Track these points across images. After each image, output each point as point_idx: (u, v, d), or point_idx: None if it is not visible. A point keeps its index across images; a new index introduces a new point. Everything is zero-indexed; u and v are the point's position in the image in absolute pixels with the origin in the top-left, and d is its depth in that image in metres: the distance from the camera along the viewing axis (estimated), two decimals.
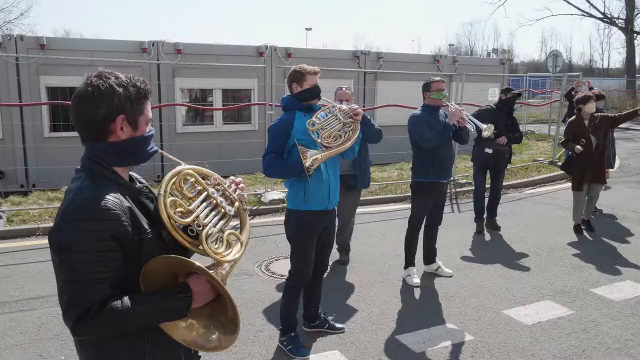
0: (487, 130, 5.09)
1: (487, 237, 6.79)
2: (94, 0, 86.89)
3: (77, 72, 9.03)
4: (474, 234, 6.86)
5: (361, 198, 8.47)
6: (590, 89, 8.87)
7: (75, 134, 1.73)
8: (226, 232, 1.83)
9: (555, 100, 13.01)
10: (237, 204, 1.94)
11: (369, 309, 4.59)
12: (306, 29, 68.64)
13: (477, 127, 5.14)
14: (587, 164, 6.66)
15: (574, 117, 6.89)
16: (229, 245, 1.83)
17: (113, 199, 1.60)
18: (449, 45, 57.11)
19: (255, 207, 7.78)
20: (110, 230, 1.56)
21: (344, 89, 5.47)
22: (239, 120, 11.27)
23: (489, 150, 6.76)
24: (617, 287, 5.11)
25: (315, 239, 3.68)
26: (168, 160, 6.61)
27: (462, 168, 10.72)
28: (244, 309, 4.50)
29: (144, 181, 1.92)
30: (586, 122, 6.68)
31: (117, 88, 1.67)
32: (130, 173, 1.86)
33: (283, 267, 5.33)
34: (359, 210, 7.65)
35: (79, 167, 1.73)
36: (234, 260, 1.81)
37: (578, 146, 6.60)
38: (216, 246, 1.77)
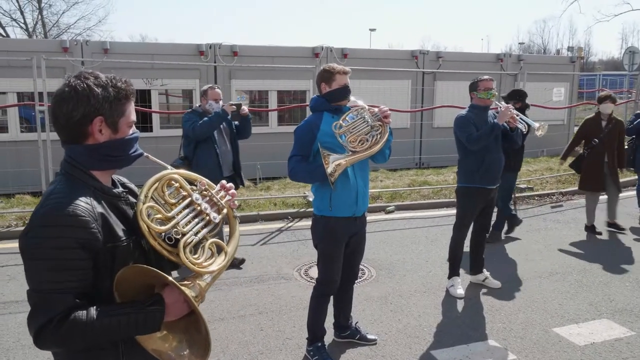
0: (541, 129, 4.73)
1: (545, 246, 6.34)
2: (169, 6, 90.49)
3: (138, 75, 9.37)
4: (531, 242, 6.44)
5: (411, 202, 8.25)
6: None
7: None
8: (209, 241, 1.72)
9: (630, 100, 12.04)
10: (225, 211, 1.82)
11: (405, 320, 4.37)
12: (370, 29, 68.37)
13: (529, 126, 4.78)
14: (595, 165, 6.67)
15: (592, 115, 6.89)
16: (211, 255, 1.72)
17: (83, 205, 1.53)
18: (519, 43, 54.78)
19: (302, 210, 7.70)
20: (78, 238, 1.49)
21: (215, 88, 5.28)
22: (294, 122, 11.26)
23: None
24: None
25: (343, 247, 3.52)
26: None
27: (525, 172, 10.16)
28: (276, 314, 4.41)
29: (132, 186, 1.85)
30: (603, 123, 6.64)
31: (95, 88, 1.60)
32: (115, 177, 1.79)
33: None
34: (407, 214, 7.44)
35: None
36: (216, 271, 1.70)
37: (577, 148, 6.90)
38: (196, 256, 1.67)
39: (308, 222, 7.28)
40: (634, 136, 7.35)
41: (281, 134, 10.95)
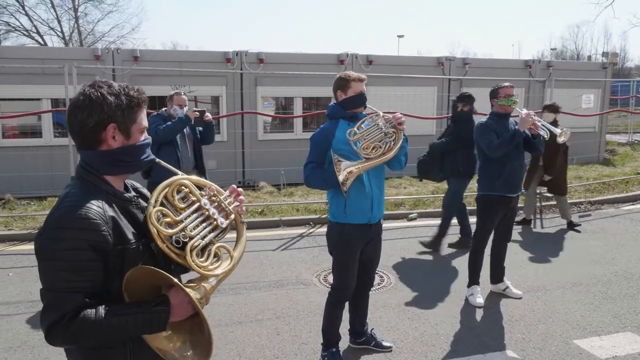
0: (564, 135, 4.67)
1: (571, 256, 6.22)
2: (200, 15, 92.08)
3: (166, 82, 9.57)
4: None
5: (434, 209, 8.19)
6: None
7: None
8: (215, 245, 1.77)
9: None
10: (232, 216, 1.87)
11: (422, 327, 4.35)
12: (398, 36, 68.16)
13: (551, 133, 4.72)
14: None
15: None
16: (217, 259, 1.77)
17: (95, 208, 1.60)
18: (552, 49, 53.77)
19: (324, 216, 7.73)
20: (89, 240, 1.55)
21: (181, 94, 5.36)
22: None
23: None
24: None
25: (358, 254, 3.53)
26: (250, 166, 6.81)
27: None
28: (293, 319, 4.45)
29: (144, 190, 1.92)
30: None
31: (109, 97, 1.67)
32: (128, 182, 1.86)
33: None
34: (430, 222, 7.38)
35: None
36: (221, 274, 1.75)
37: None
38: (202, 259, 1.72)
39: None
40: None
41: (306, 141, 10.89)
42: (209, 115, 5.42)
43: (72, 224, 1.55)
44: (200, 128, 5.51)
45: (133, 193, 1.83)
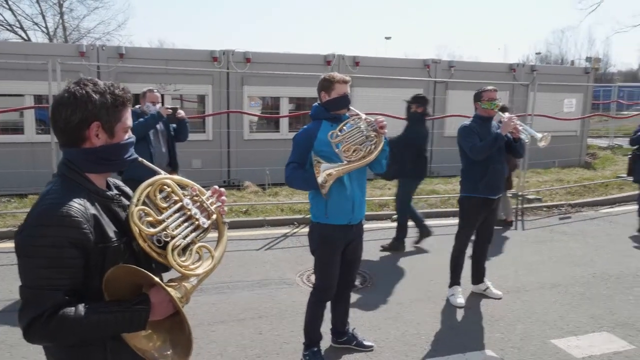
0: (544, 139, 4.74)
1: (550, 257, 6.32)
2: (187, 13, 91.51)
3: (152, 80, 9.49)
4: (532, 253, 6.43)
5: (420, 211, 8.25)
6: None
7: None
8: (197, 245, 1.79)
9: None
10: (214, 216, 1.89)
11: (404, 327, 4.40)
12: (385, 37, 68.49)
13: (532, 137, 4.80)
14: None
15: None
16: (199, 259, 1.79)
17: (77, 206, 1.60)
18: (537, 53, 54.31)
19: (309, 216, 7.73)
20: (69, 237, 1.56)
21: (154, 91, 5.45)
22: None
23: None
24: None
25: (339, 254, 3.57)
26: (235, 165, 6.88)
27: (534, 183, 10.14)
28: (276, 319, 4.47)
29: (126, 189, 1.93)
30: None
31: (94, 95, 1.68)
32: (110, 180, 1.87)
33: None
34: (413, 223, 7.42)
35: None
36: (202, 274, 1.77)
37: None
38: (183, 258, 1.73)
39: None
40: (636, 147, 7.39)
41: (291, 141, 11.03)
42: (181, 112, 5.50)
43: (54, 221, 1.55)
44: (174, 125, 5.57)
45: (115, 191, 1.84)
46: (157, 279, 1.59)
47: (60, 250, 1.55)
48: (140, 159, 1.89)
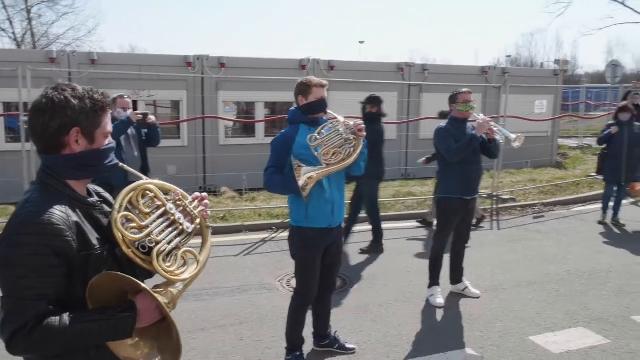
0: (518, 140, 4.84)
1: (525, 256, 6.44)
2: (159, 18, 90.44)
3: (125, 86, 9.37)
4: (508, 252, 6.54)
5: (397, 213, 8.34)
6: None
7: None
8: (181, 250, 1.78)
9: (610, 113, 12.27)
10: (198, 220, 1.88)
11: (385, 329, 4.43)
12: (359, 42, 68.91)
13: (506, 138, 4.90)
14: None
15: None
16: (184, 264, 1.77)
17: (58, 213, 1.57)
18: (507, 56, 55.32)
19: (287, 221, 7.73)
20: (52, 246, 1.53)
21: (125, 97, 5.49)
22: None
23: None
24: None
25: (320, 257, 3.58)
26: (211, 171, 6.84)
27: (508, 183, 10.32)
28: (257, 324, 4.45)
29: (107, 195, 1.90)
30: None
31: (72, 100, 1.65)
32: (90, 186, 1.84)
33: None
34: (391, 225, 7.48)
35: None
36: (188, 279, 1.75)
37: None
38: (168, 264, 1.72)
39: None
40: (604, 146, 7.64)
41: (268, 145, 10.84)
42: (152, 118, 5.50)
43: (35, 230, 1.52)
44: (146, 130, 5.57)
45: (96, 197, 1.81)
46: (144, 285, 1.58)
47: (42, 259, 1.52)
48: (121, 164, 1.87)
